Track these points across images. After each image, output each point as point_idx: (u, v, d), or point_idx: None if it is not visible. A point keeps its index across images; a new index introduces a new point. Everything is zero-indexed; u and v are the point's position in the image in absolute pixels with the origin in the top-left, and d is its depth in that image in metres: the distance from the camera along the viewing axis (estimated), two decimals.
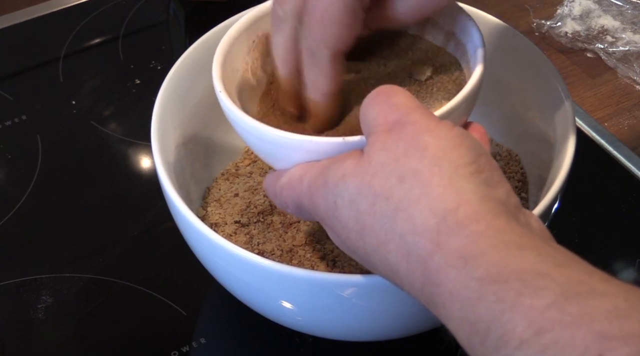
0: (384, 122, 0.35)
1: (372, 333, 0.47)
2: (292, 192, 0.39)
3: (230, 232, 0.52)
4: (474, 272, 0.29)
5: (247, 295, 0.47)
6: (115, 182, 0.65)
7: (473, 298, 0.29)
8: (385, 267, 0.34)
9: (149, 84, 0.72)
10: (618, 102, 0.73)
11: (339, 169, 0.36)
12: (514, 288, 0.28)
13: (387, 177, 0.33)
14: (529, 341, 0.27)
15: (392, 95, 0.36)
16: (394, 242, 0.33)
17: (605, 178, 0.64)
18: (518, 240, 0.30)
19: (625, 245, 0.59)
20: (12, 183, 0.65)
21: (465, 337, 0.30)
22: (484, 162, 0.34)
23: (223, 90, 0.42)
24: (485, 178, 0.33)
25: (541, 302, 0.27)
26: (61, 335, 0.54)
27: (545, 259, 0.29)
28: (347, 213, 0.35)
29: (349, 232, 0.35)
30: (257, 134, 0.40)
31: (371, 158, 0.34)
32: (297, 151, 0.39)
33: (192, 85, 0.53)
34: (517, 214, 0.33)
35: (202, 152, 0.55)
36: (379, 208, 0.33)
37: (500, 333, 0.28)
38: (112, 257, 0.59)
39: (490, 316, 0.28)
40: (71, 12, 0.81)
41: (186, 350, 0.53)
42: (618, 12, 0.79)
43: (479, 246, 0.30)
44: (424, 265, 0.32)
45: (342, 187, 0.35)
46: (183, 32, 0.80)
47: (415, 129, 0.34)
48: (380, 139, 0.35)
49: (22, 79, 0.75)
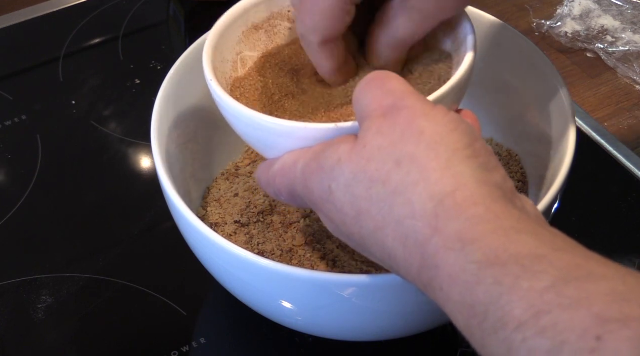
0: (379, 107, 0.35)
1: (372, 333, 0.47)
2: (285, 178, 0.39)
3: (230, 232, 0.52)
4: (472, 256, 0.29)
5: (247, 295, 0.47)
6: (115, 182, 0.65)
7: (472, 282, 0.29)
8: (382, 251, 0.34)
9: (149, 84, 0.72)
10: (618, 102, 0.73)
11: (334, 154, 0.36)
12: (513, 271, 0.28)
13: (383, 161, 0.33)
14: (528, 323, 0.27)
15: (387, 81, 0.36)
16: (391, 227, 0.33)
17: (605, 178, 0.64)
18: (516, 224, 0.30)
19: (625, 245, 0.59)
20: (12, 183, 0.65)
21: (464, 320, 0.30)
22: (479, 147, 0.34)
23: (214, 79, 0.42)
24: (482, 163, 0.33)
25: (540, 285, 0.27)
26: (61, 335, 0.54)
27: (543, 243, 0.29)
28: (342, 198, 0.35)
29: (345, 217, 0.35)
30: (248, 122, 0.40)
31: (366, 143, 0.34)
32: (288, 138, 0.39)
33: (192, 85, 0.53)
34: (513, 199, 0.33)
35: (202, 152, 0.55)
36: (376, 193, 0.33)
37: (499, 315, 0.28)
38: (112, 257, 0.59)
39: (488, 299, 0.28)
40: (71, 12, 0.81)
41: (186, 350, 0.53)
42: (618, 12, 0.80)
43: (477, 230, 0.30)
44: (422, 249, 0.31)
45: (338, 172, 0.35)
46: (183, 32, 0.80)
47: (411, 114, 0.34)
48: (376, 124, 0.34)
49: (22, 79, 0.75)
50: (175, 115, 0.52)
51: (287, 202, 0.41)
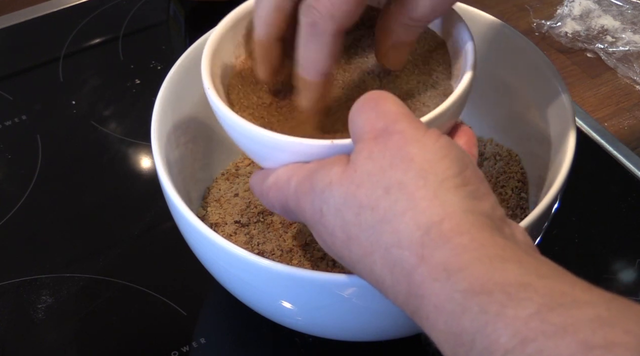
0: (371, 129, 0.35)
1: (372, 333, 0.47)
2: (279, 193, 0.39)
3: (230, 232, 0.52)
4: (457, 285, 0.29)
5: (247, 295, 0.47)
6: (115, 182, 0.65)
7: (457, 311, 0.29)
8: (370, 276, 0.34)
9: (149, 84, 0.72)
10: (618, 102, 0.73)
11: (325, 176, 0.35)
12: (498, 299, 0.28)
13: (373, 187, 0.33)
14: (514, 350, 0.27)
15: (380, 102, 0.35)
16: (378, 254, 0.33)
17: (605, 178, 0.64)
18: (501, 252, 0.30)
19: (625, 245, 0.59)
20: (12, 183, 0.65)
21: (450, 349, 0.30)
22: (469, 174, 0.34)
23: (211, 87, 0.42)
24: (471, 191, 0.33)
25: (524, 312, 0.27)
26: (61, 335, 0.54)
27: (528, 271, 0.29)
28: (333, 221, 0.35)
29: (335, 239, 0.35)
30: (243, 133, 0.40)
31: (357, 167, 0.34)
32: (284, 152, 0.39)
33: (192, 85, 0.53)
34: (502, 227, 0.33)
35: (202, 152, 0.55)
36: (364, 219, 0.33)
37: (485, 344, 0.28)
38: (112, 256, 0.59)
39: (474, 328, 0.28)
40: (71, 12, 0.81)
41: (186, 350, 0.53)
42: (618, 12, 0.80)
43: (462, 259, 0.30)
44: (408, 277, 0.32)
45: (329, 195, 0.35)
46: (183, 32, 0.80)
47: (401, 139, 0.34)
48: (367, 148, 0.34)
49: (22, 79, 0.75)
50: (175, 115, 0.52)
51: (280, 215, 0.41)
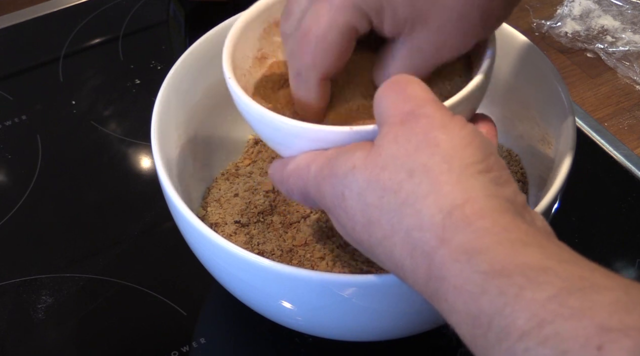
0: (398, 113, 0.35)
1: (372, 333, 0.47)
2: (298, 179, 0.39)
3: (230, 232, 0.52)
4: (478, 266, 0.30)
5: (247, 295, 0.47)
6: (115, 182, 0.65)
7: (476, 292, 0.29)
8: (390, 260, 0.34)
9: (149, 84, 0.72)
10: (618, 102, 0.73)
11: (348, 160, 0.36)
12: (517, 282, 0.28)
13: (396, 170, 0.33)
14: (530, 332, 0.27)
15: (407, 86, 0.35)
16: (399, 237, 0.33)
17: (605, 178, 0.64)
18: (523, 237, 0.30)
19: (625, 245, 0.59)
20: (12, 183, 0.65)
21: (468, 331, 0.30)
22: (493, 161, 0.34)
23: (232, 77, 0.42)
24: (494, 177, 0.33)
25: (543, 295, 0.27)
26: (61, 335, 0.54)
27: (549, 255, 0.29)
28: (354, 205, 0.35)
29: (355, 224, 0.35)
30: (264, 121, 0.40)
31: (382, 150, 0.34)
32: (304, 139, 0.39)
33: (192, 85, 0.53)
34: (523, 212, 0.33)
35: (202, 152, 0.55)
36: (387, 202, 0.33)
37: (503, 325, 0.28)
38: (112, 256, 0.59)
39: (492, 310, 0.28)
40: (71, 12, 0.81)
41: (186, 350, 0.53)
42: (618, 12, 0.80)
43: (484, 242, 0.30)
44: (428, 259, 0.32)
45: (351, 179, 0.35)
46: (183, 32, 0.80)
47: (428, 124, 0.34)
48: (392, 131, 0.34)
49: (22, 79, 0.75)
50: (175, 115, 0.52)
51: (299, 202, 0.41)
